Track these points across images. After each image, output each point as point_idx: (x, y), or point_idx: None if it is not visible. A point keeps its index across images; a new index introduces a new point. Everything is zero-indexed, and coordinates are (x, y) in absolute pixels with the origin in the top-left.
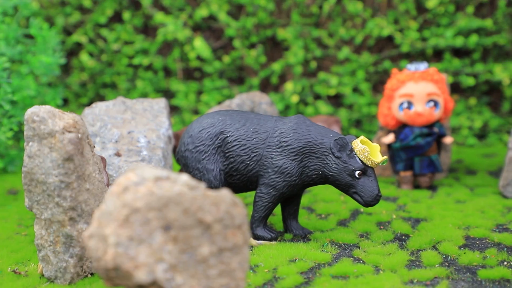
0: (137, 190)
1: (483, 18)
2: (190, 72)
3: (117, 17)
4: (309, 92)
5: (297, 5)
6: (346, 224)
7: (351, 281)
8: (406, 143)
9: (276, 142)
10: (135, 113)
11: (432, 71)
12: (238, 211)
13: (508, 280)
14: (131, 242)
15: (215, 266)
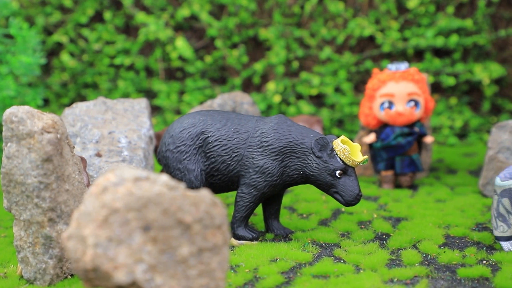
0: (116, 191)
1: (463, 18)
2: (172, 72)
3: (98, 17)
4: (291, 92)
5: (279, 5)
6: (327, 223)
7: (332, 281)
8: (387, 143)
9: (257, 142)
10: (116, 113)
11: (413, 71)
12: (218, 211)
13: (487, 278)
14: (110, 242)
15: (194, 267)
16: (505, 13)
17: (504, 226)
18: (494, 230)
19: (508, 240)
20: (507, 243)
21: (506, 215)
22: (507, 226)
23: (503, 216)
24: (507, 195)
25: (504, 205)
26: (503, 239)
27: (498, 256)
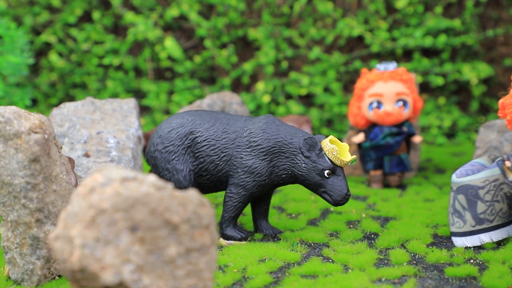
0: (104, 191)
1: (452, 18)
2: (161, 72)
3: (87, 16)
4: (280, 92)
5: (268, 5)
6: (316, 223)
7: (320, 280)
8: (376, 143)
9: (246, 142)
10: (104, 113)
11: (401, 71)
12: (206, 211)
13: (475, 277)
14: (98, 243)
15: (182, 267)
16: (493, 13)
17: (460, 222)
18: (451, 226)
19: (464, 236)
20: (463, 239)
21: (462, 211)
22: (463, 222)
23: (459, 212)
24: (462, 191)
25: (460, 201)
26: (459, 235)
27: (485, 255)
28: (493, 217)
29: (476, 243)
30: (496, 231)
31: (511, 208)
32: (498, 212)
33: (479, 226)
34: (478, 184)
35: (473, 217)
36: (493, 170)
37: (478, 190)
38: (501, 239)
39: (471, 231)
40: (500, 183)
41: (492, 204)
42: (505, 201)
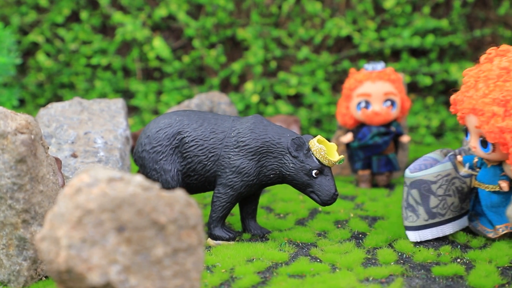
0: (90, 192)
1: (439, 18)
2: (150, 72)
3: (75, 16)
4: (269, 92)
5: (256, 5)
6: (304, 223)
7: (308, 280)
8: (364, 142)
9: (234, 142)
10: (92, 113)
11: (389, 70)
12: (193, 212)
13: (461, 276)
14: (84, 244)
15: (169, 267)
16: (480, 13)
17: (414, 216)
18: (404, 220)
19: (417, 230)
20: (416, 233)
21: (415, 205)
22: (416, 217)
23: (412, 207)
24: (416, 186)
25: (413, 196)
26: (412, 229)
27: (472, 254)
28: (445, 211)
29: (428, 237)
30: (448, 224)
31: (462, 202)
32: (450, 206)
33: (431, 220)
34: (430, 179)
35: (426, 211)
36: (445, 165)
37: (431, 185)
38: (453, 232)
39: (424, 225)
40: (452, 177)
41: (444, 199)
42: (457, 195)
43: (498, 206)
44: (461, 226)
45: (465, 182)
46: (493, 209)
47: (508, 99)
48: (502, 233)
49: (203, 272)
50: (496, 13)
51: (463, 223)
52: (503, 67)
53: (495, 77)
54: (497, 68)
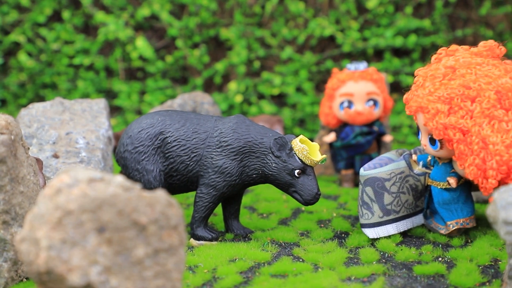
0: (70, 192)
1: (421, 18)
2: (133, 72)
3: (57, 16)
4: (252, 92)
5: (239, 5)
6: (287, 223)
7: (290, 280)
8: (347, 142)
9: (216, 142)
10: (74, 113)
11: (371, 70)
12: (174, 212)
13: (443, 275)
14: (64, 245)
15: (150, 268)
16: (462, 13)
17: (369, 214)
18: (360, 218)
19: (372, 227)
20: (372, 230)
21: (370, 203)
22: (371, 214)
23: (367, 204)
24: (370, 183)
25: (368, 193)
26: (368, 226)
27: (453, 253)
28: (400, 208)
29: (384, 233)
30: (403, 221)
31: (417, 200)
32: (404, 203)
33: (386, 217)
34: (384, 176)
35: (380, 208)
36: (399, 163)
37: (384, 182)
38: (407, 229)
39: (379, 222)
40: (406, 175)
41: (398, 196)
42: (411, 193)
43: (450, 203)
44: (416, 223)
45: (419, 180)
46: (445, 206)
47: (453, 96)
48: (453, 229)
49: (185, 272)
50: (477, 13)
51: (418, 220)
52: (449, 66)
53: (441, 75)
54: (443, 67)
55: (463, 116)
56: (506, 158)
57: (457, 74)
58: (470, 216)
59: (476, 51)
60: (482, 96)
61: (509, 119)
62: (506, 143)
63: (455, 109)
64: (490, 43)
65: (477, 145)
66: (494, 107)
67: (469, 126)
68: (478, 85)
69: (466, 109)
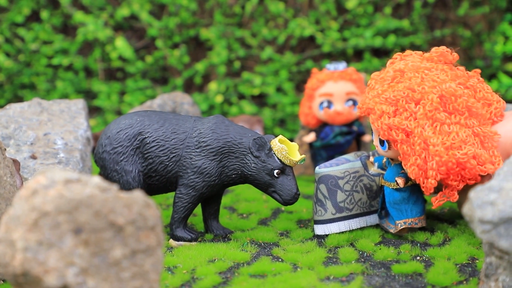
0: (47, 193)
1: (400, 19)
2: (112, 72)
3: (35, 16)
4: (233, 92)
5: (219, 5)
6: (267, 223)
7: (269, 280)
8: (327, 142)
9: (195, 142)
10: (52, 114)
11: (351, 70)
12: (151, 213)
13: (420, 274)
14: (40, 246)
15: (128, 269)
16: (440, 14)
17: (322, 211)
18: (314, 214)
19: (325, 223)
20: (323, 227)
21: (323, 200)
22: (324, 211)
23: (321, 201)
24: (323, 181)
25: (321, 190)
26: (320, 222)
27: (431, 252)
28: (353, 206)
29: (335, 230)
30: (355, 219)
31: (371, 199)
32: (357, 201)
33: (339, 214)
34: (338, 175)
35: (333, 205)
36: (354, 163)
37: (338, 180)
38: (360, 227)
39: (331, 218)
40: (360, 175)
41: (352, 194)
42: (365, 192)
43: (400, 203)
44: (370, 223)
45: (374, 180)
46: (395, 205)
47: (398, 98)
48: (400, 228)
49: (163, 273)
50: (455, 13)
51: (372, 220)
52: (398, 69)
53: (389, 78)
54: (392, 70)
55: (407, 117)
56: (445, 159)
57: (404, 77)
58: (419, 216)
59: (428, 56)
60: (425, 99)
61: (451, 122)
62: (446, 145)
63: (400, 111)
64: (442, 49)
65: (419, 146)
66: (437, 110)
67: (412, 127)
68: (422, 88)
69: (410, 111)
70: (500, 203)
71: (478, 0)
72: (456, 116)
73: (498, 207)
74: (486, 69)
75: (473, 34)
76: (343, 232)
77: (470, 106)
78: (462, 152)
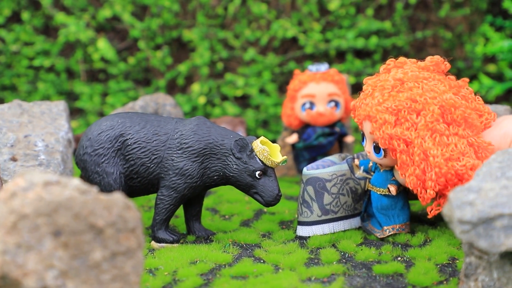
0: (26, 196)
1: (382, 20)
2: (94, 73)
3: (16, 17)
4: (216, 93)
5: (202, 6)
6: (249, 224)
7: (250, 281)
8: (309, 143)
9: (177, 144)
10: (32, 116)
11: (333, 72)
12: (131, 215)
13: (401, 274)
14: (19, 249)
15: (108, 271)
16: (421, 15)
17: (308, 212)
18: (299, 215)
19: (310, 225)
20: (308, 228)
21: (310, 201)
22: (310, 212)
23: (307, 203)
24: (311, 183)
25: (309, 192)
26: (306, 224)
27: (412, 252)
28: (338, 209)
29: (319, 232)
30: (340, 222)
31: (356, 202)
32: (343, 204)
33: (324, 216)
34: (325, 177)
35: (319, 207)
36: (341, 166)
37: (325, 183)
38: (344, 230)
39: (317, 220)
40: (347, 178)
41: (338, 197)
42: (350, 195)
43: (388, 209)
44: (353, 225)
45: (359, 184)
46: (382, 211)
47: (400, 108)
48: (388, 234)
49: (145, 275)
50: (437, 15)
51: (355, 223)
52: (398, 78)
53: (390, 87)
54: (392, 79)
55: (408, 128)
56: (444, 171)
57: (405, 87)
58: (405, 222)
59: (423, 65)
60: (427, 110)
61: (450, 133)
62: (445, 156)
63: (401, 121)
64: (437, 59)
65: (418, 157)
66: (437, 121)
67: (412, 137)
68: (424, 99)
69: (412, 121)
70: (479, 203)
71: (459, 2)
72: (454, 127)
73: (477, 208)
74: (467, 70)
75: (454, 36)
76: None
77: (467, 117)
78: (461, 163)
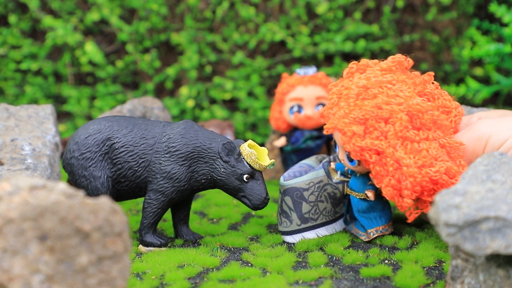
0: (11, 200)
1: (370, 24)
2: (82, 77)
3: (3, 20)
4: (204, 97)
5: (190, 9)
6: (237, 228)
7: (238, 284)
8: (297, 146)
9: (164, 147)
10: (19, 120)
11: (321, 75)
12: (118, 219)
13: (388, 277)
14: (5, 254)
15: (94, 275)
16: (409, 19)
17: (287, 222)
18: (279, 225)
19: (290, 234)
20: (289, 237)
21: (289, 211)
22: (289, 222)
23: (286, 213)
24: (289, 193)
25: (287, 203)
26: (286, 233)
27: (399, 255)
28: (318, 216)
29: (300, 239)
30: (322, 228)
31: (335, 207)
32: (322, 211)
33: (304, 225)
34: (303, 186)
35: (298, 217)
36: (318, 172)
37: (303, 192)
38: (328, 234)
39: (297, 229)
40: (324, 184)
41: (316, 204)
42: (329, 201)
43: (368, 212)
44: (337, 229)
45: (338, 188)
46: (364, 214)
47: (367, 117)
48: (373, 236)
49: (132, 279)
50: (424, 18)
51: (338, 226)
52: (362, 85)
53: (354, 96)
54: (356, 87)
55: (378, 137)
56: (419, 179)
57: (369, 93)
58: (388, 223)
59: (386, 66)
60: (394, 117)
61: (421, 139)
62: (418, 164)
63: (370, 129)
64: (398, 58)
65: (391, 167)
66: (407, 128)
67: (384, 147)
68: (390, 107)
69: (381, 130)
70: (464, 206)
71: (446, 6)
72: (424, 131)
73: (463, 210)
74: (454, 73)
75: (442, 39)
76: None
77: (435, 119)
78: (434, 169)
